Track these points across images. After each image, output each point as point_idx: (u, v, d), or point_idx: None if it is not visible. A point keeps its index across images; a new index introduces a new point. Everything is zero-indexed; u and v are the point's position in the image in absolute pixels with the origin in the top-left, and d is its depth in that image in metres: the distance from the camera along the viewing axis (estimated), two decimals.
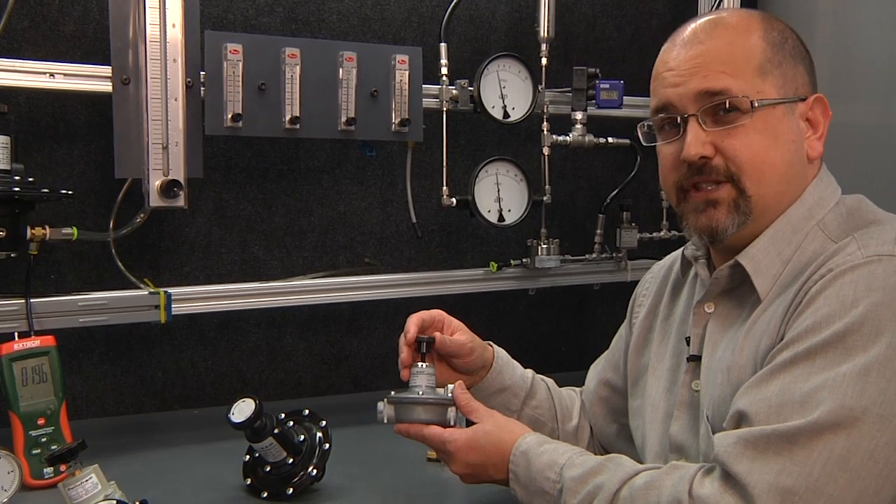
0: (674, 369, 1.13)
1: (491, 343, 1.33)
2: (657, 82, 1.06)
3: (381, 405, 1.16)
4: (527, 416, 1.31)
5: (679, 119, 1.02)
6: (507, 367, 1.32)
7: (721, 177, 1.01)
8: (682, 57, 1.02)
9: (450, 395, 1.16)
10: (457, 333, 1.26)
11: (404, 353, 1.20)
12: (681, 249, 1.19)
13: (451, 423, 1.14)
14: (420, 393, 1.16)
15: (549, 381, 1.39)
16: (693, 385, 1.07)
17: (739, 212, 1.01)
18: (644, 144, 1.10)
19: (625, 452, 1.23)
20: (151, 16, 1.52)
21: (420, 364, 1.18)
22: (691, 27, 1.04)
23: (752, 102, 0.99)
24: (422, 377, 1.17)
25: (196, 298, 1.69)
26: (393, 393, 1.17)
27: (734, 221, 1.01)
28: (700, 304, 1.08)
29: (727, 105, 0.99)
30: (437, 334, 1.23)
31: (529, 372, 1.37)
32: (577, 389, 1.41)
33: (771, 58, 1.01)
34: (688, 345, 1.09)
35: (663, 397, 1.13)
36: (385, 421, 1.16)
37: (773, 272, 1.00)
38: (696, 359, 1.07)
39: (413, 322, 1.23)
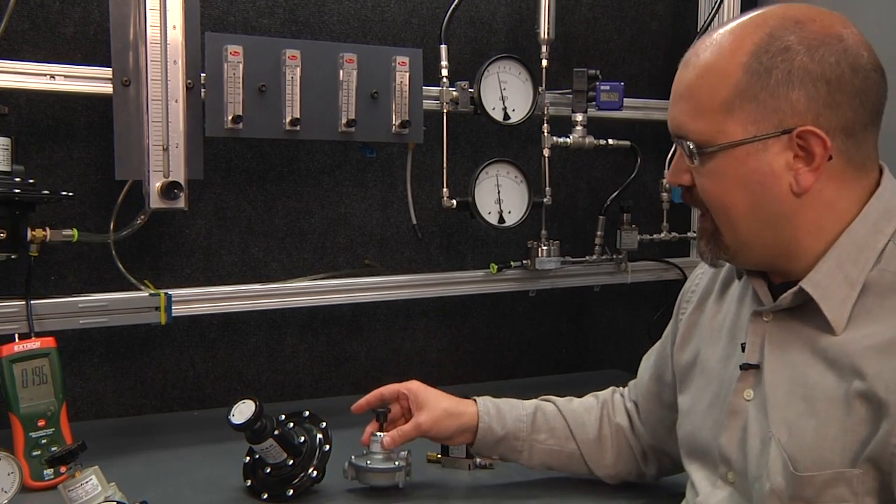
0: (723, 374, 1.10)
1: (475, 399, 1.36)
2: None
3: (346, 465, 1.35)
4: (539, 451, 1.34)
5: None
6: (497, 418, 1.33)
7: (698, 206, 1.02)
8: (675, 81, 1.02)
9: (403, 453, 1.34)
10: (424, 411, 1.32)
11: (367, 429, 1.35)
12: None
13: (400, 486, 1.32)
14: (372, 461, 1.33)
15: (559, 400, 1.38)
16: (745, 394, 1.03)
17: (716, 244, 1.02)
18: None
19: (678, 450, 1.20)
20: (152, 17, 1.52)
21: (378, 434, 1.33)
22: (699, 43, 1.01)
23: (698, 150, 0.97)
24: (377, 445, 1.33)
25: (196, 300, 1.69)
26: (353, 458, 1.34)
27: (716, 253, 1.02)
28: (758, 314, 1.04)
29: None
30: (387, 436, 1.32)
31: (531, 405, 1.36)
32: (599, 395, 1.39)
33: (744, 90, 0.94)
34: (742, 351, 1.05)
35: (713, 402, 1.10)
36: (349, 478, 1.35)
37: (842, 296, 0.95)
38: (751, 367, 1.03)
39: (373, 395, 1.37)
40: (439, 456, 1.47)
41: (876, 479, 0.90)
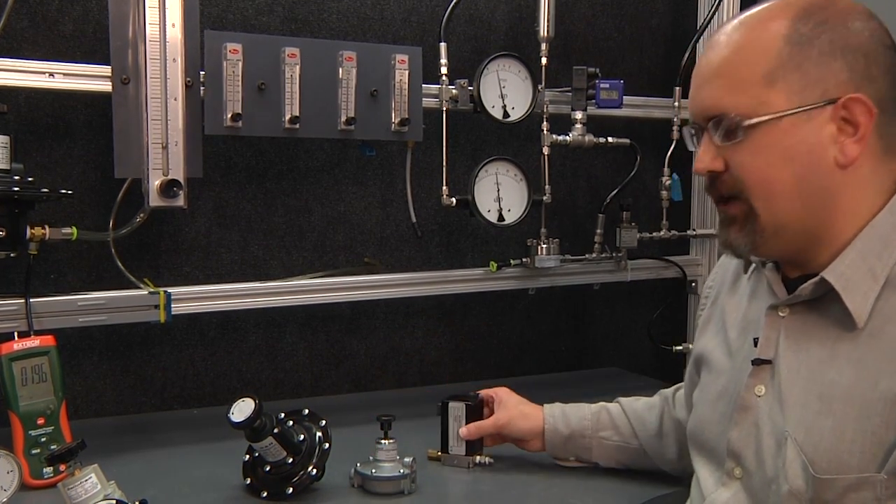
0: (731, 368, 1.09)
1: (544, 406, 1.45)
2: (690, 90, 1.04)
3: (351, 472, 1.37)
4: (605, 447, 1.41)
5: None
6: (562, 420, 1.42)
7: (731, 191, 0.98)
8: (701, 64, 1.01)
9: (408, 460, 1.36)
10: (503, 410, 1.46)
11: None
12: None
13: (406, 493, 1.34)
14: (378, 469, 1.35)
15: (625, 400, 1.43)
16: (756, 390, 1.02)
17: (748, 230, 0.98)
18: (689, 150, 1.09)
19: None
20: (151, 15, 1.52)
21: (383, 442, 1.36)
22: (720, 29, 1.01)
23: (739, 123, 0.95)
24: (382, 453, 1.36)
25: (196, 298, 1.69)
26: (359, 465, 1.37)
27: (746, 240, 0.99)
28: (774, 309, 1.03)
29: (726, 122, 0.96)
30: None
31: (596, 407, 1.43)
32: (665, 392, 1.41)
33: (786, 61, 0.94)
34: (755, 346, 1.04)
35: (720, 396, 1.10)
36: (355, 486, 1.36)
37: (865, 289, 0.94)
38: (763, 362, 1.02)
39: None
40: (439, 453, 1.48)
41: None
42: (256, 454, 1.34)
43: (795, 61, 0.94)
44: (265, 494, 1.32)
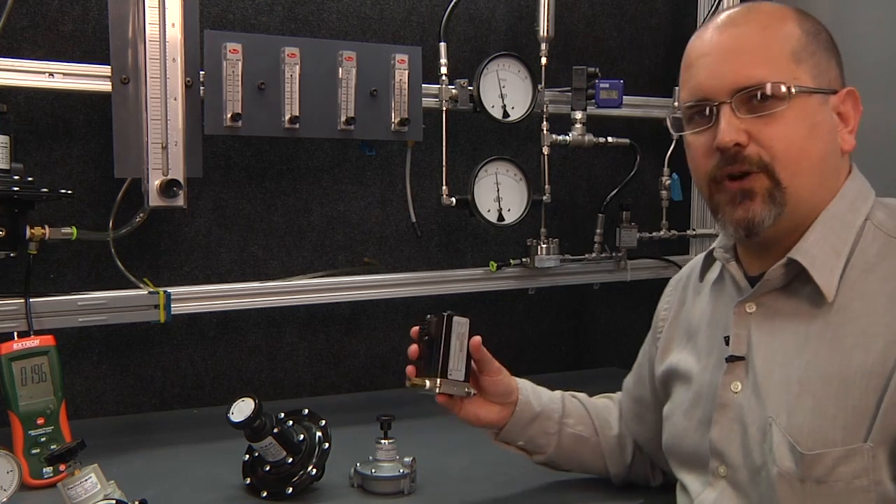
0: (702, 373, 1.10)
1: (515, 378, 1.33)
2: (691, 71, 1.02)
3: (351, 472, 1.37)
4: (567, 436, 1.31)
5: (709, 109, 1.00)
6: (534, 394, 1.31)
7: (754, 167, 0.97)
8: (715, 41, 1.00)
9: (408, 460, 1.36)
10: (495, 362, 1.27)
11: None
12: (699, 256, 1.18)
13: (405, 493, 1.34)
14: (377, 469, 1.35)
15: (581, 395, 1.38)
16: (732, 387, 1.03)
17: (775, 203, 0.98)
18: (673, 134, 1.08)
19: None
20: (151, 15, 1.52)
21: (383, 442, 1.36)
22: (726, 13, 1.02)
23: (789, 89, 0.96)
24: (382, 453, 1.36)
25: (195, 298, 1.69)
26: (358, 465, 1.36)
27: (770, 213, 0.98)
28: (741, 304, 1.04)
29: (762, 94, 0.96)
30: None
31: (558, 393, 1.36)
32: (614, 396, 1.39)
33: (805, 46, 0.99)
34: (726, 345, 1.05)
35: (695, 403, 1.10)
36: (355, 486, 1.36)
37: (830, 266, 0.97)
38: (737, 359, 1.03)
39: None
40: (428, 381, 1.24)
41: (886, 451, 0.90)
42: (256, 454, 1.34)
43: (811, 49, 0.99)
44: (265, 494, 1.32)
